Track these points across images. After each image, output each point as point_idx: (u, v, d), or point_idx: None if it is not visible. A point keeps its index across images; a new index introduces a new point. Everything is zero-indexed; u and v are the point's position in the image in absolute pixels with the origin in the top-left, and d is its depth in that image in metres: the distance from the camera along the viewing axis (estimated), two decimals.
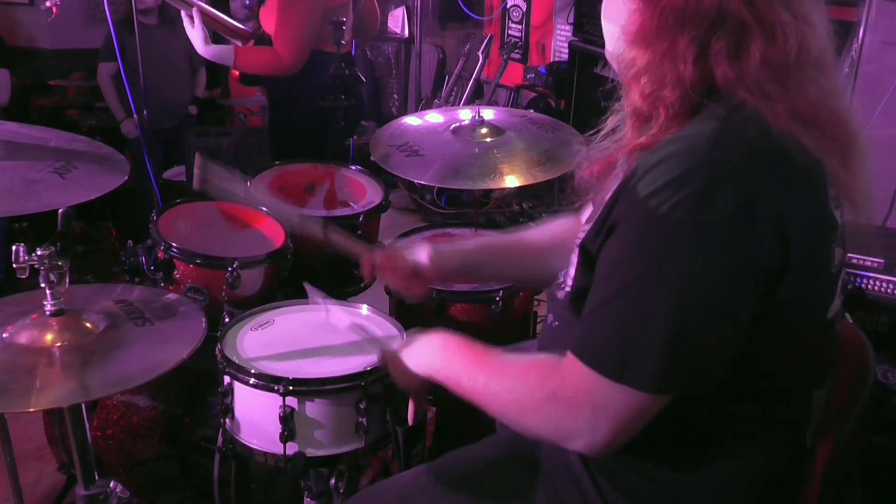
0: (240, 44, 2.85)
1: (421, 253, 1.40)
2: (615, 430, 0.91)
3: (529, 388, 0.97)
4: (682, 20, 0.91)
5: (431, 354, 1.15)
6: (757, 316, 0.89)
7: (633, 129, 0.98)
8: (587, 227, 1.03)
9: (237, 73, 3.41)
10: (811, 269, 0.91)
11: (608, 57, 1.06)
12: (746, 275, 0.87)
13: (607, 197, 0.99)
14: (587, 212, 1.21)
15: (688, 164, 0.87)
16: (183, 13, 2.68)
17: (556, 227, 1.43)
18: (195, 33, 2.67)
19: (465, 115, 2.19)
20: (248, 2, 4.60)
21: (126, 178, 1.52)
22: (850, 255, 1.76)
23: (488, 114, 2.18)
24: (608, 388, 0.89)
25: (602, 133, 1.10)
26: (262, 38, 2.82)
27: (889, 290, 1.79)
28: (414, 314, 2.01)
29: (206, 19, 2.69)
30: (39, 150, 1.54)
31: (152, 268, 1.94)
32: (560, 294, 1.13)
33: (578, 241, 1.04)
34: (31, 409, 1.24)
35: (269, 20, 2.76)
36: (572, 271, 1.06)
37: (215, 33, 2.79)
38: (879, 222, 2.28)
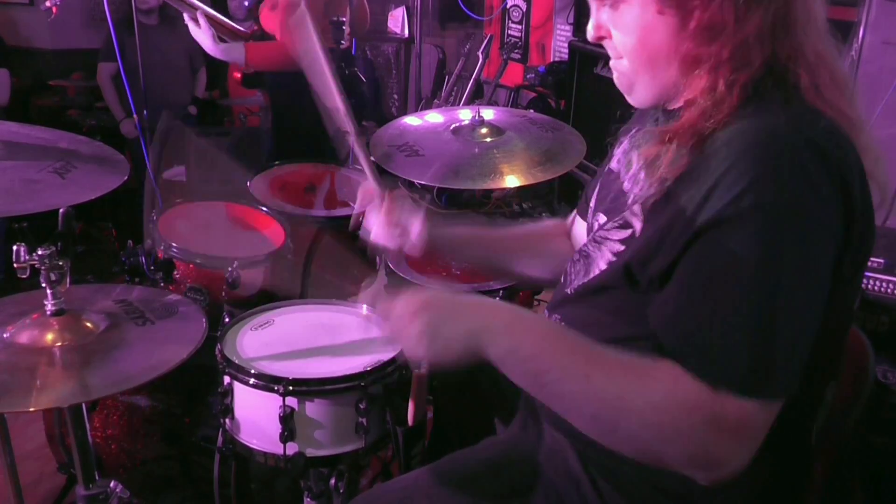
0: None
1: (416, 218, 1.41)
2: (755, 448, 0.87)
3: (688, 412, 0.86)
4: (755, 2, 0.91)
5: (514, 338, 0.96)
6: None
7: (700, 116, 0.93)
8: (628, 233, 0.99)
9: (238, 74, 3.41)
10: (863, 255, 0.93)
11: (638, 66, 1.02)
12: (832, 259, 0.87)
13: (653, 198, 0.96)
14: (598, 218, 1.16)
15: (772, 154, 0.86)
16: (186, 16, 2.68)
17: (540, 227, 1.46)
18: (203, 34, 2.66)
19: (465, 115, 2.19)
20: (247, 2, 4.60)
21: (126, 178, 1.52)
22: None
23: (488, 114, 2.18)
24: (757, 408, 0.85)
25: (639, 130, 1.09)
26: (261, 38, 2.81)
27: (889, 290, 1.79)
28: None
29: (208, 22, 2.69)
30: (39, 150, 1.54)
31: (152, 268, 1.94)
32: (570, 288, 1.12)
33: (615, 257, 1.01)
34: (32, 409, 1.25)
35: (268, 19, 2.75)
36: (603, 264, 1.04)
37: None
38: (879, 222, 2.28)
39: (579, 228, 1.37)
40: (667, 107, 1.05)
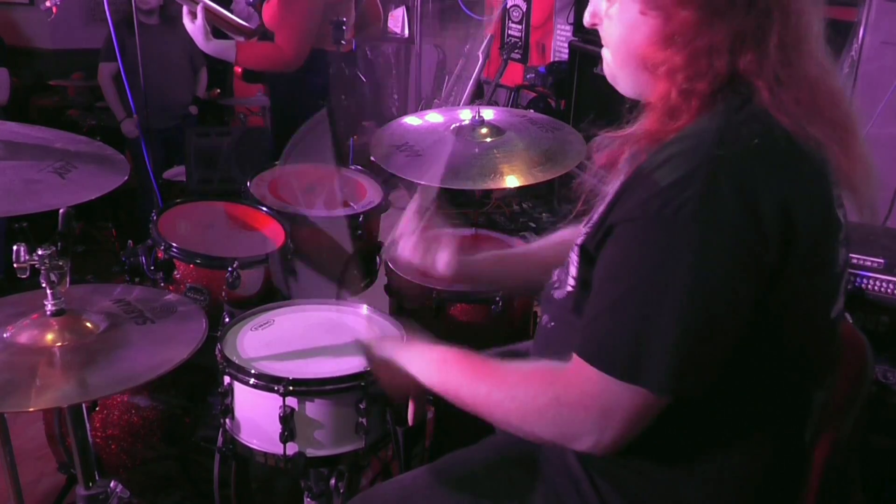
0: (242, 40, 2.85)
1: (442, 255, 1.38)
2: (623, 431, 0.91)
3: (533, 394, 0.97)
4: (720, 13, 0.91)
5: (428, 368, 1.13)
6: (760, 313, 0.89)
7: (657, 122, 0.96)
8: (587, 230, 1.03)
9: (240, 70, 3.41)
10: (814, 267, 0.92)
11: (618, 60, 1.05)
12: (751, 271, 0.87)
13: (608, 197, 0.99)
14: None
15: (692, 164, 0.87)
16: (184, 9, 2.68)
17: (560, 237, 1.43)
18: (196, 29, 2.66)
19: (465, 115, 2.19)
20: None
21: (126, 178, 1.52)
22: (850, 254, 1.76)
23: (488, 114, 2.18)
24: (618, 388, 0.89)
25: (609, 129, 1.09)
26: (265, 35, 2.82)
27: (889, 290, 1.79)
28: (414, 314, 2.01)
29: (211, 16, 2.69)
30: (39, 150, 1.54)
31: (152, 268, 1.94)
32: (557, 294, 1.13)
33: (579, 242, 1.04)
34: (32, 409, 1.25)
35: (270, 16, 2.76)
36: (573, 271, 1.05)
37: (218, 30, 2.79)
38: (879, 222, 2.28)
39: None
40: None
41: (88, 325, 1.41)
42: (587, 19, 1.06)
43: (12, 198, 1.36)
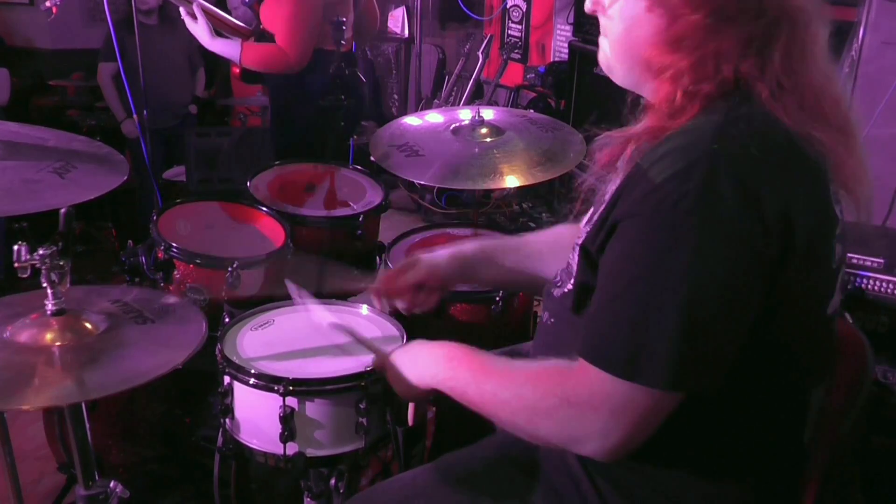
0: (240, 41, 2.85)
1: (418, 269, 1.40)
2: (630, 432, 0.90)
3: (541, 394, 0.96)
4: (729, 20, 0.92)
5: (435, 365, 1.12)
6: (760, 309, 0.89)
7: (658, 121, 0.96)
8: (587, 229, 1.03)
9: (238, 70, 3.41)
10: (812, 261, 0.92)
11: (617, 53, 1.04)
12: (753, 265, 0.87)
13: (608, 196, 0.99)
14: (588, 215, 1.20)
15: (690, 158, 0.87)
16: (183, 11, 2.68)
17: (556, 232, 1.43)
18: (199, 28, 2.66)
19: (465, 115, 2.19)
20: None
21: (126, 178, 1.52)
22: (850, 254, 1.76)
23: (488, 114, 2.18)
24: (621, 388, 0.89)
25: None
26: (262, 36, 2.82)
27: (889, 290, 1.79)
28: (414, 314, 2.01)
29: (207, 17, 2.69)
30: (39, 150, 1.54)
31: (152, 268, 1.94)
32: (557, 292, 1.13)
33: (579, 242, 1.04)
34: (31, 408, 1.24)
35: (268, 17, 2.76)
36: (574, 270, 1.05)
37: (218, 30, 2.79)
38: (879, 222, 2.28)
39: None
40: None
41: (88, 325, 1.40)
42: (588, 6, 1.05)
43: (12, 198, 1.36)
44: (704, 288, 0.86)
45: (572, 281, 1.06)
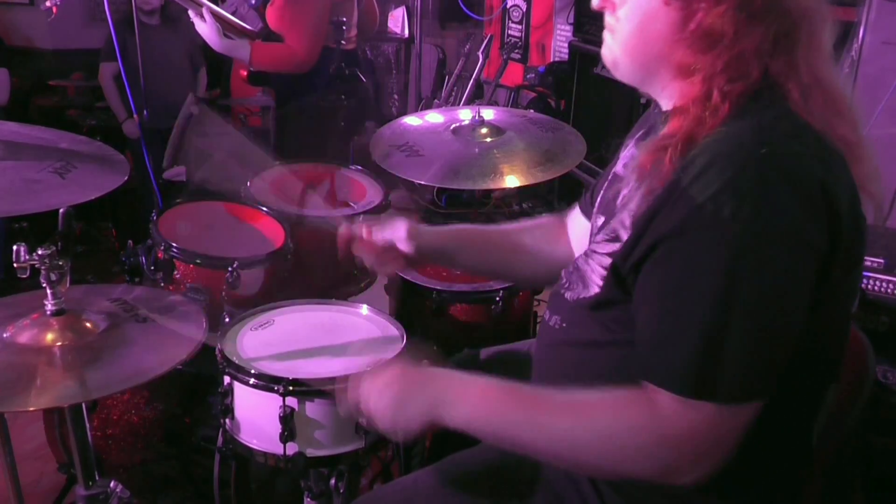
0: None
1: (399, 229, 1.39)
2: (725, 454, 0.89)
3: (634, 433, 0.91)
4: (756, 17, 0.91)
5: (468, 406, 1.01)
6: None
7: (692, 124, 0.93)
8: (616, 246, 0.99)
9: (245, 72, 3.41)
10: (852, 259, 0.92)
11: (626, 48, 1.02)
12: (810, 265, 0.87)
13: (633, 207, 0.97)
14: (598, 220, 1.16)
15: (737, 166, 0.86)
16: (191, 12, 2.68)
17: (538, 223, 1.44)
18: (208, 29, 2.66)
19: (465, 115, 2.19)
20: (253, 1, 4.59)
21: (126, 178, 1.52)
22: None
23: (488, 114, 2.18)
24: (721, 415, 0.87)
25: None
26: (268, 37, 2.82)
27: (889, 290, 1.79)
28: (414, 314, 2.01)
29: (215, 18, 2.69)
30: (39, 150, 1.54)
31: (152, 268, 1.94)
32: (570, 296, 1.10)
33: (606, 263, 1.01)
34: (32, 409, 1.24)
35: (277, 18, 2.76)
36: (597, 279, 1.03)
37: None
38: (879, 222, 2.28)
39: (578, 225, 1.37)
40: (661, 108, 1.06)
41: (88, 324, 1.40)
42: (596, 2, 1.03)
43: (12, 198, 1.36)
44: (774, 296, 0.86)
45: (595, 289, 1.03)
